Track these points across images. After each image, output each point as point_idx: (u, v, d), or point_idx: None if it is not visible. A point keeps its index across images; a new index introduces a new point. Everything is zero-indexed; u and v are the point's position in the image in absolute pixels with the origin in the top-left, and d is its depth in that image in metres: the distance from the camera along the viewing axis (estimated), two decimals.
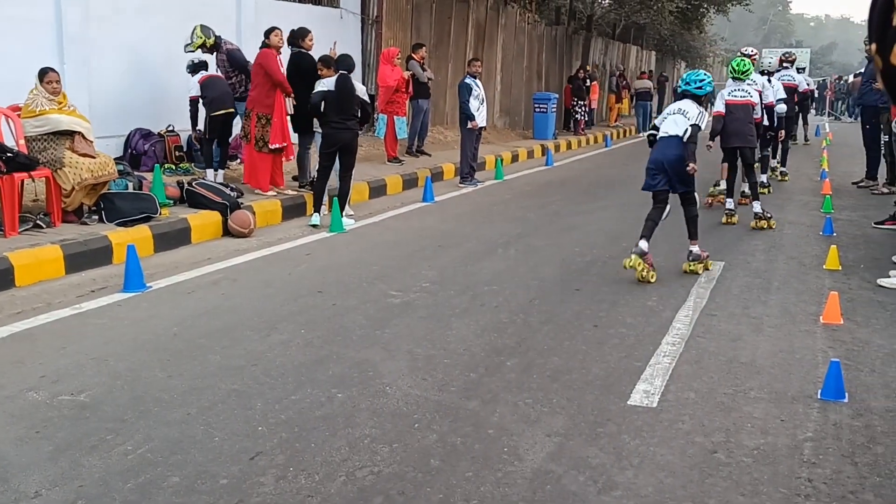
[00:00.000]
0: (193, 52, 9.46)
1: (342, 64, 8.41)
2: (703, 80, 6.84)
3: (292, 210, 8.90)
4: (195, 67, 9.43)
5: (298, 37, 9.41)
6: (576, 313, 5.46)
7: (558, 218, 9.29)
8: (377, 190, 10.53)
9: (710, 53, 45.76)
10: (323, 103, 8.19)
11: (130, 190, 7.64)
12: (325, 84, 8.28)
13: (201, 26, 9.43)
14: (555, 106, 19.04)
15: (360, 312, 5.39)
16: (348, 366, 4.38)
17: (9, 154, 6.46)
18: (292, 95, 8.95)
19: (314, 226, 8.32)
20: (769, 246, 7.75)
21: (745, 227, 8.67)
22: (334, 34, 12.40)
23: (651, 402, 3.94)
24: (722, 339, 4.96)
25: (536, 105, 18.98)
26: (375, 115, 12.52)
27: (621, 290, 6.04)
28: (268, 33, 9.05)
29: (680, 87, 6.97)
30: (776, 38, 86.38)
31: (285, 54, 9.49)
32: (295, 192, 9.27)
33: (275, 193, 9.07)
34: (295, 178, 9.90)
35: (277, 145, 8.91)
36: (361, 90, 8.40)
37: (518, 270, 6.68)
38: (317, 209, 8.44)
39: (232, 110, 9.27)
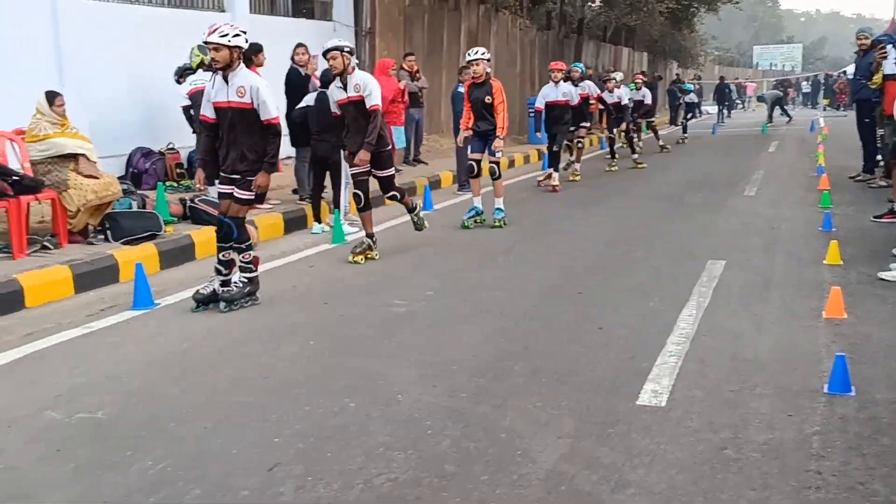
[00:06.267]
0: (193, 72, 9.49)
1: (322, 79, 8.61)
2: None
3: (294, 223, 8.97)
4: (182, 73, 9.45)
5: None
6: (579, 317, 5.52)
7: (556, 223, 9.36)
8: (376, 199, 10.54)
9: (701, 52, 45.99)
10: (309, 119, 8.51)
11: (134, 209, 7.72)
12: (307, 100, 8.54)
13: (198, 46, 9.46)
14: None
15: (366, 322, 5.45)
16: (358, 375, 4.44)
17: (15, 177, 6.54)
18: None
19: (315, 234, 8.60)
20: (768, 243, 7.82)
21: (744, 227, 8.75)
22: None
23: (659, 402, 4.00)
24: (725, 336, 5.02)
25: (530, 109, 19.06)
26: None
27: (623, 293, 6.10)
28: (256, 52, 9.09)
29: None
30: (766, 34, 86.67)
31: (283, 69, 9.59)
32: (270, 206, 9.30)
33: (270, 207, 9.16)
34: (294, 192, 9.98)
35: None
36: None
37: (519, 276, 6.74)
38: (316, 219, 8.68)
39: None
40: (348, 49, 7.31)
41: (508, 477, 3.26)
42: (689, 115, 23.26)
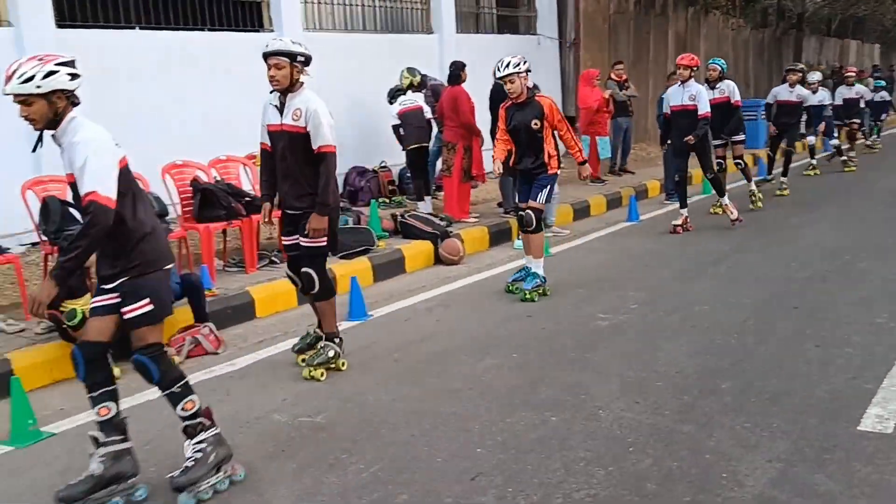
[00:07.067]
0: (404, 93, 10.04)
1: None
2: None
3: (498, 236, 9.15)
4: (394, 94, 10.06)
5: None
6: (795, 332, 5.22)
7: (771, 232, 8.87)
8: (581, 211, 10.56)
9: None
10: None
11: (350, 225, 8.23)
12: None
13: (407, 68, 10.08)
14: (764, 112, 18.12)
15: (569, 335, 5.48)
16: (560, 389, 4.48)
17: (247, 198, 7.20)
18: (479, 134, 9.42)
19: (519, 248, 8.65)
20: None
21: None
22: (533, 60, 12.62)
23: (885, 428, 3.71)
24: None
25: (745, 113, 18.13)
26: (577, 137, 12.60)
27: (846, 307, 5.69)
28: (462, 68, 9.44)
29: None
30: None
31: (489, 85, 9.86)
32: (475, 219, 9.55)
33: (475, 219, 9.43)
34: (499, 205, 10.19)
35: (475, 173, 9.49)
36: None
37: (730, 289, 6.47)
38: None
39: (425, 145, 9.73)
40: (302, 58, 4.90)
41: (713, 500, 3.17)
42: (884, 116, 17.91)
